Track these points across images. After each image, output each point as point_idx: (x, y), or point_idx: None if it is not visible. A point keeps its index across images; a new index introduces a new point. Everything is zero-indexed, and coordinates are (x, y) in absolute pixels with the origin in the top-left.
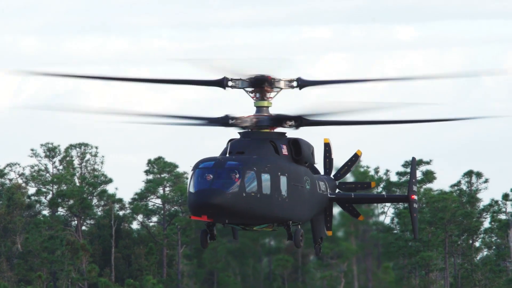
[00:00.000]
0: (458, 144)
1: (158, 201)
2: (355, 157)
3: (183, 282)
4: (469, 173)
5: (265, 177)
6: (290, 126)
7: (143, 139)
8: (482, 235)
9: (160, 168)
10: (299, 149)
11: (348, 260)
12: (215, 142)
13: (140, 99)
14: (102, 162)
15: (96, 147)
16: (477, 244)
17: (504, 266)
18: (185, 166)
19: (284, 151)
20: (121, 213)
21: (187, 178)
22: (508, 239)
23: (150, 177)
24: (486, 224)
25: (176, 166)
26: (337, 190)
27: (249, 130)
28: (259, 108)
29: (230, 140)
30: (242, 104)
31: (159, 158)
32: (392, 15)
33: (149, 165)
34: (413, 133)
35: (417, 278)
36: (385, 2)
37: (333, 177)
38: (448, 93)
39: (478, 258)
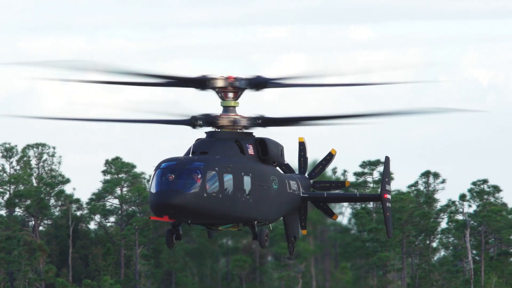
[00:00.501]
0: (416, 145)
1: (116, 201)
2: (330, 156)
3: (140, 282)
4: (426, 174)
5: (228, 177)
6: (257, 126)
7: (100, 139)
8: (439, 236)
9: (117, 168)
10: (265, 148)
11: (306, 260)
12: (173, 142)
13: (98, 99)
14: (59, 162)
15: (54, 147)
16: (434, 244)
17: (461, 267)
18: (143, 166)
19: (250, 151)
20: (78, 213)
21: (144, 179)
22: (465, 239)
23: (108, 177)
24: (443, 224)
25: (134, 166)
26: (312, 189)
27: (216, 130)
28: (226, 108)
29: (196, 140)
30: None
31: (117, 158)
32: (347, 15)
33: (107, 165)
34: (372, 134)
35: (374, 279)
36: (341, 2)
37: (307, 176)
38: (405, 94)
39: (435, 258)
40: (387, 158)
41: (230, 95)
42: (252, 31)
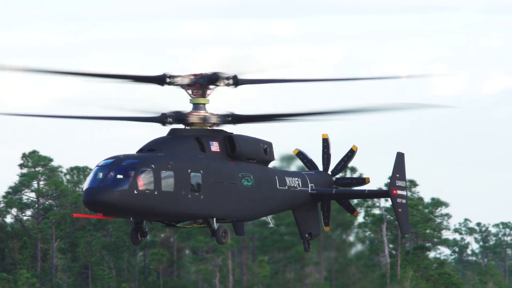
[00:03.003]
0: (332, 139)
1: (33, 195)
2: (351, 152)
3: (57, 276)
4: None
5: (167, 174)
6: (227, 123)
7: (17, 132)
8: (356, 230)
9: (34, 162)
10: (233, 145)
11: (223, 254)
12: (94, 136)
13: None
14: None
15: None
16: (351, 238)
17: (377, 261)
18: (60, 160)
19: (215, 148)
20: None
21: (61, 172)
22: (381, 233)
23: (25, 170)
24: (360, 218)
25: (51, 160)
26: (334, 186)
27: (178, 127)
28: (196, 105)
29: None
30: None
31: (34, 151)
32: (270, 10)
33: (24, 158)
34: (297, 126)
35: (292, 272)
36: None
37: (330, 173)
38: (323, 90)
39: (352, 252)
40: (399, 154)
41: (199, 92)
42: (172, 25)
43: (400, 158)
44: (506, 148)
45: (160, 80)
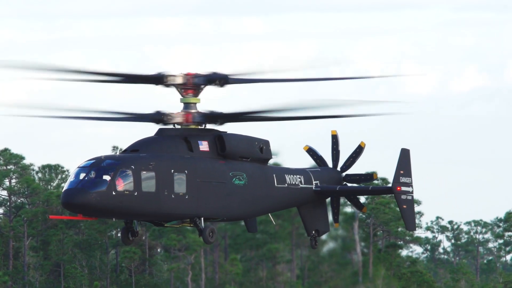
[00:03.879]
0: (304, 137)
1: (4, 192)
2: (359, 149)
3: (29, 274)
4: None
5: (148, 175)
6: (221, 123)
7: None
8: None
9: (6, 160)
10: (223, 144)
11: (196, 252)
12: (66, 135)
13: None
14: None
15: None
16: (323, 236)
17: (349, 259)
18: (32, 158)
19: (204, 147)
20: None
21: (33, 170)
22: (353, 231)
23: None
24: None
25: (22, 158)
26: (344, 182)
27: (167, 127)
28: (186, 105)
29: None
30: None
31: (5, 149)
32: (240, 7)
33: None
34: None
35: (264, 270)
36: None
37: (339, 170)
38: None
39: (324, 250)
40: (403, 150)
41: (190, 91)
42: (144, 22)
43: (404, 154)
44: (477, 146)
45: (156, 79)
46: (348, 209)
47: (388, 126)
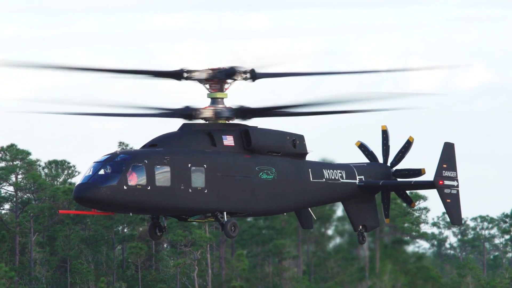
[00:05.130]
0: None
1: (11, 188)
2: (408, 143)
3: (35, 269)
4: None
5: (162, 169)
6: (249, 118)
7: None
8: (335, 223)
9: (12, 155)
10: (249, 139)
11: (202, 248)
12: (73, 130)
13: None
14: None
15: None
16: (329, 232)
17: (356, 254)
18: (38, 154)
19: (228, 142)
20: None
21: (40, 166)
22: None
23: (3, 164)
24: (339, 212)
25: (29, 154)
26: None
27: (191, 122)
28: (213, 100)
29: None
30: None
31: (12, 145)
32: (245, 3)
33: (2, 152)
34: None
35: (270, 266)
36: None
37: (389, 165)
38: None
39: (330, 246)
40: (446, 144)
41: (217, 87)
42: (148, 18)
43: (448, 148)
44: (484, 142)
45: (177, 75)
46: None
47: (393, 119)
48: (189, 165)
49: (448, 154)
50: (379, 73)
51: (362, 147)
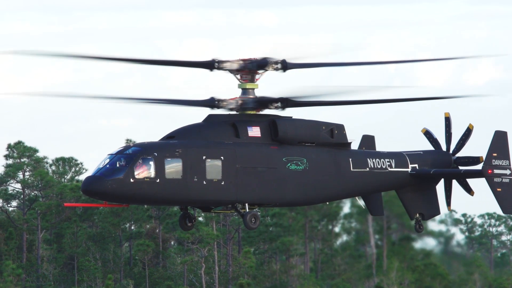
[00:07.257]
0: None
1: (18, 185)
2: (468, 131)
3: (43, 267)
4: None
5: (173, 161)
6: (276, 108)
7: (2, 123)
8: (342, 221)
9: (20, 153)
10: (276, 129)
11: (209, 245)
12: (80, 127)
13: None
14: None
15: None
16: (336, 229)
17: (363, 252)
18: (46, 151)
19: (253, 133)
20: None
21: (47, 163)
22: (367, 224)
23: (10, 161)
24: (346, 209)
25: (36, 151)
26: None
27: (216, 113)
28: (244, 90)
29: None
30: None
31: (19, 142)
32: (253, 1)
33: (9, 149)
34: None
35: (277, 263)
36: None
37: (451, 152)
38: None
39: (337, 243)
40: (497, 133)
41: (248, 77)
42: (157, 15)
43: (499, 137)
44: (489, 139)
45: (209, 65)
46: (362, 201)
47: (400, 113)
48: (204, 157)
49: (499, 143)
50: (415, 62)
51: (428, 134)
